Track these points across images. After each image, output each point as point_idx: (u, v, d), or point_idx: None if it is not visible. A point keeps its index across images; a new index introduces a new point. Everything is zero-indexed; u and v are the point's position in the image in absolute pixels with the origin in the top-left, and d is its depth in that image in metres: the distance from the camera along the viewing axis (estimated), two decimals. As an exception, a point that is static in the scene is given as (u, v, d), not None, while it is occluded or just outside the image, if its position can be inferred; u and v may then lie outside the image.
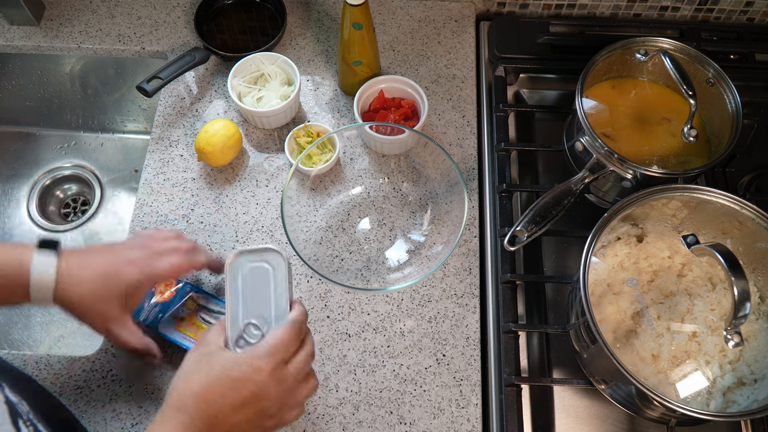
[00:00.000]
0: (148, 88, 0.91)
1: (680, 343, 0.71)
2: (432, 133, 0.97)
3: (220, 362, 0.58)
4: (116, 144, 1.19)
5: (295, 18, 1.06)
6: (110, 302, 0.68)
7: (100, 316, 0.68)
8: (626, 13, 1.08)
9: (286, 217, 0.81)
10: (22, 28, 1.05)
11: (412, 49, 1.04)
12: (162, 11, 1.07)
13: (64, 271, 0.66)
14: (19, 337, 1.02)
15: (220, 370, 0.58)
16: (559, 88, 1.02)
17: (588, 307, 0.69)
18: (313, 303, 0.85)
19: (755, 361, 0.70)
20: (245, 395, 0.57)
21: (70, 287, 0.66)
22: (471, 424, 0.78)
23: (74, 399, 0.79)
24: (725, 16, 1.06)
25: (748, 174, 0.93)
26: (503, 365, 0.80)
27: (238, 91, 0.94)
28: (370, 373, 0.81)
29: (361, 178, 0.93)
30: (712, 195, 0.74)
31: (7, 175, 1.16)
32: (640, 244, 0.78)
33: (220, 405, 0.57)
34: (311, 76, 1.01)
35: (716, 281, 0.74)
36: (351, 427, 0.78)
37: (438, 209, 0.88)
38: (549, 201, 0.80)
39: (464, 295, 0.85)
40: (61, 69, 1.09)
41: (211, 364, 0.58)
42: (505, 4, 1.07)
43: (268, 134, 0.97)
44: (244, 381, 0.58)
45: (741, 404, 0.68)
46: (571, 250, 0.90)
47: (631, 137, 0.85)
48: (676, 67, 0.80)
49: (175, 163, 0.94)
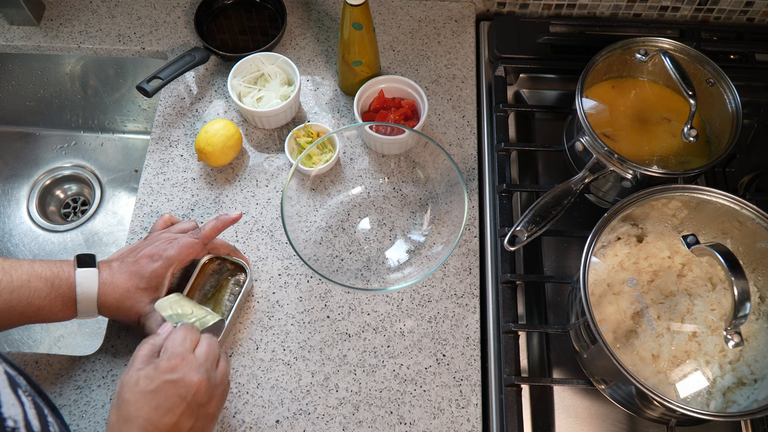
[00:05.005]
0: (148, 88, 0.91)
1: (680, 343, 0.71)
2: (432, 133, 0.97)
3: (140, 383, 0.62)
4: (116, 144, 1.19)
5: (295, 18, 1.06)
6: (141, 298, 0.75)
7: (135, 311, 0.75)
8: (626, 13, 1.08)
9: (286, 217, 0.81)
10: (22, 28, 1.05)
11: (412, 49, 1.04)
12: (162, 11, 1.07)
13: (102, 281, 0.73)
14: (19, 337, 1.02)
15: (142, 390, 0.61)
16: (559, 88, 1.02)
17: (588, 307, 0.69)
18: (313, 303, 0.85)
19: (755, 361, 0.70)
20: (173, 401, 0.61)
21: (109, 294, 0.74)
22: (471, 424, 0.78)
23: (74, 399, 0.79)
24: (725, 16, 1.06)
25: (748, 174, 0.93)
26: (503, 365, 0.80)
27: (238, 91, 0.94)
28: (370, 373, 0.81)
29: (361, 178, 0.93)
30: (712, 195, 0.74)
31: (7, 175, 1.16)
32: (640, 244, 0.78)
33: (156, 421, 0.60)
34: (311, 76, 1.01)
35: (716, 281, 0.74)
36: (351, 427, 0.78)
37: (438, 209, 0.88)
38: (549, 201, 0.80)
39: (464, 295, 0.85)
40: (61, 69, 1.09)
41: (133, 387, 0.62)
42: (505, 4, 1.07)
43: (268, 134, 0.97)
44: (163, 389, 0.61)
45: (741, 404, 0.68)
46: (571, 250, 0.90)
47: (631, 137, 0.85)
48: (676, 67, 0.80)
49: (175, 163, 0.94)
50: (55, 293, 0.70)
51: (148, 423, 0.60)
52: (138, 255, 0.77)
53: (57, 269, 0.72)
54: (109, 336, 0.82)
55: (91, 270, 0.73)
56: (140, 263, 0.76)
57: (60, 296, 0.71)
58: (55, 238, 1.12)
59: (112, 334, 0.83)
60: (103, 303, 0.73)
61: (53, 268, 0.72)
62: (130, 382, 0.62)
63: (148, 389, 0.61)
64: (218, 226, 0.80)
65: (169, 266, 0.76)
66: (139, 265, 0.75)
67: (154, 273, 0.75)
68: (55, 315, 0.72)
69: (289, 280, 0.86)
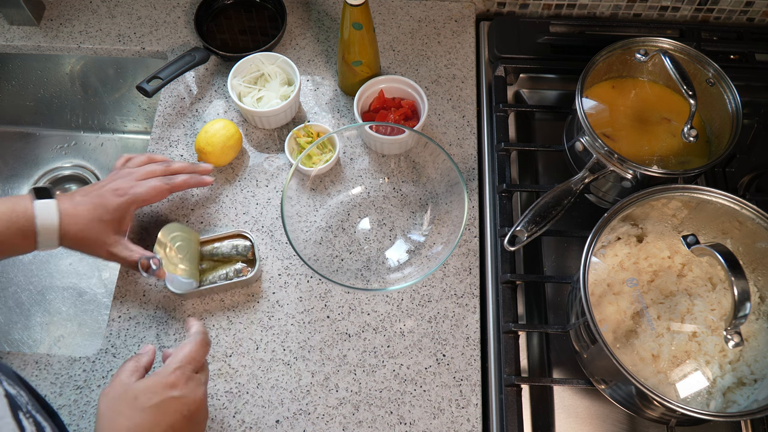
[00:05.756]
0: (148, 88, 0.91)
1: (680, 343, 0.71)
2: (432, 133, 0.97)
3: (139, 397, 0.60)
4: (116, 144, 1.19)
5: (295, 18, 1.06)
6: (106, 229, 0.76)
7: (100, 244, 0.76)
8: (626, 13, 1.08)
9: (286, 217, 0.81)
10: (22, 28, 1.05)
11: (412, 49, 1.04)
12: (162, 11, 1.07)
13: (63, 211, 0.73)
14: (19, 337, 1.02)
15: (142, 406, 0.59)
16: (559, 88, 1.02)
17: (588, 307, 0.69)
18: (313, 303, 0.85)
19: (755, 361, 0.70)
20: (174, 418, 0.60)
21: (71, 225, 0.74)
22: (471, 424, 0.78)
23: (74, 399, 0.79)
24: (725, 16, 1.06)
25: (748, 174, 0.93)
26: (503, 365, 0.80)
27: (238, 91, 0.94)
28: (370, 373, 0.81)
29: (361, 178, 0.93)
30: (712, 195, 0.74)
31: (7, 175, 1.16)
32: (640, 244, 0.78)
33: None
34: (311, 76, 1.01)
35: (716, 281, 0.74)
36: (351, 427, 0.78)
37: (438, 209, 0.88)
38: (549, 201, 0.80)
39: (464, 295, 0.85)
40: (61, 69, 1.09)
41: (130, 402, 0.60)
42: (505, 4, 1.07)
43: (268, 134, 0.97)
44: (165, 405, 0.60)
45: (741, 404, 0.68)
46: (571, 250, 0.90)
47: (631, 137, 0.85)
48: (676, 67, 0.80)
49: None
50: (14, 227, 0.70)
51: None
52: (103, 189, 0.77)
53: (12, 203, 0.72)
54: (109, 336, 0.82)
55: (49, 201, 0.73)
56: (105, 196, 0.76)
57: (19, 229, 0.71)
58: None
59: (112, 334, 0.83)
60: (66, 233, 0.73)
61: (7, 202, 0.72)
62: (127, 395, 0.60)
63: (148, 405, 0.60)
64: (190, 183, 0.84)
65: (133, 203, 0.78)
66: (104, 198, 0.76)
67: (119, 207, 0.76)
68: (15, 248, 0.72)
69: (289, 280, 0.86)
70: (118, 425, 0.59)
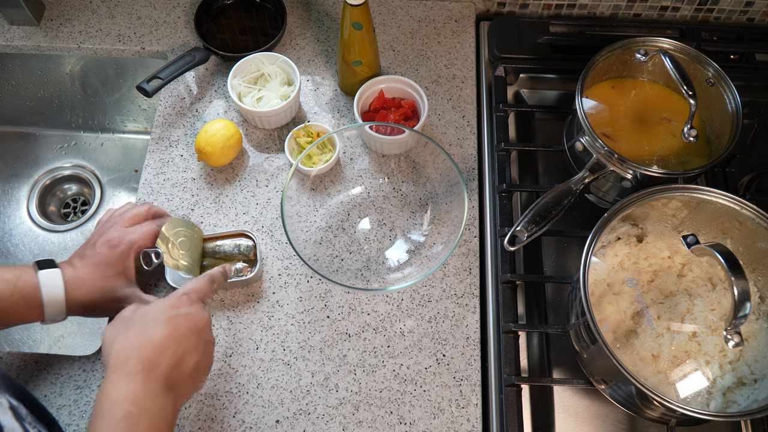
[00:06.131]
0: (148, 88, 0.91)
1: (680, 343, 0.71)
2: (432, 133, 0.97)
3: (147, 314, 0.64)
4: (116, 144, 1.19)
5: (295, 18, 1.06)
6: (114, 285, 0.75)
7: (115, 300, 0.75)
8: (626, 13, 1.08)
9: (286, 217, 0.81)
10: (22, 28, 1.05)
11: (412, 49, 1.04)
12: (162, 11, 1.07)
13: (68, 278, 0.73)
14: (19, 337, 1.02)
15: (154, 320, 0.63)
16: (559, 88, 1.02)
17: (588, 307, 0.69)
18: (313, 303, 0.85)
19: (755, 361, 0.70)
20: (183, 332, 0.64)
21: (78, 289, 0.73)
22: (471, 424, 0.78)
23: (74, 399, 0.79)
24: (725, 16, 1.06)
25: (748, 174, 0.93)
26: (503, 365, 0.80)
27: (238, 91, 0.94)
28: (370, 373, 0.81)
29: (361, 178, 0.93)
30: (712, 195, 0.74)
31: (7, 175, 1.16)
32: (640, 244, 0.78)
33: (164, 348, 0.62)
34: (311, 76, 1.01)
35: (716, 281, 0.74)
36: (351, 427, 0.78)
37: (438, 209, 0.88)
38: (549, 201, 0.80)
39: (464, 295, 0.85)
40: (61, 69, 1.09)
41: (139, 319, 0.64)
42: (505, 4, 1.07)
43: (268, 134, 0.97)
44: (175, 320, 0.64)
45: (741, 404, 0.68)
46: (571, 250, 0.90)
47: (631, 137, 0.85)
48: (676, 67, 0.80)
49: (175, 163, 0.94)
50: (18, 294, 0.70)
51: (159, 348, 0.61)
52: (96, 244, 0.77)
53: (19, 271, 0.71)
54: (109, 336, 0.82)
55: (53, 270, 0.73)
56: (101, 253, 0.76)
57: (23, 297, 0.70)
58: (55, 238, 1.12)
59: (112, 334, 0.83)
60: (74, 299, 0.73)
61: (14, 270, 0.71)
62: (135, 316, 0.64)
63: (159, 320, 0.63)
64: None
65: (130, 250, 0.77)
66: (101, 255, 0.75)
67: (120, 258, 0.76)
68: (20, 316, 0.71)
69: (289, 280, 0.86)
70: (130, 339, 0.62)
